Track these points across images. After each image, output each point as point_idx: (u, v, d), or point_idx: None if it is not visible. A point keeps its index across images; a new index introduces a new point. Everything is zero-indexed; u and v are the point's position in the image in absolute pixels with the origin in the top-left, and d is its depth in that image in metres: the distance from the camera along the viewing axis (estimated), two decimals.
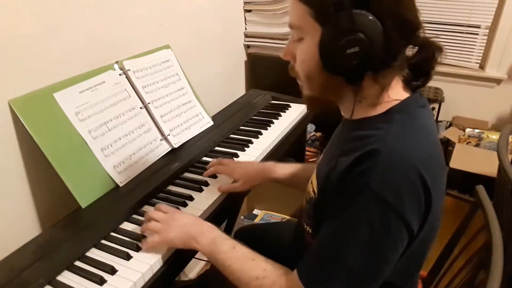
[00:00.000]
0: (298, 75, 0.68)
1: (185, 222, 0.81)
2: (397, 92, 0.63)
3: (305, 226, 0.77)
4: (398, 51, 0.59)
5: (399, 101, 0.62)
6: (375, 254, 0.58)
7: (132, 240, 0.83)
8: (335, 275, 0.60)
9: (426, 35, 0.62)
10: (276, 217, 1.95)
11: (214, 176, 1.07)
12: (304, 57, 0.64)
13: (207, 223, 0.81)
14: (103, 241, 0.84)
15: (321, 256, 0.62)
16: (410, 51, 0.63)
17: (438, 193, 0.60)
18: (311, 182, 0.75)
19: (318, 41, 0.59)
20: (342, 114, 0.72)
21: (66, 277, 0.75)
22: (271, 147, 1.26)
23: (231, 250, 0.73)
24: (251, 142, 1.25)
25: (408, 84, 0.64)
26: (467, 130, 2.34)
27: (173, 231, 0.79)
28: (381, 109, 0.63)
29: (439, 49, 0.62)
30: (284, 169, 1.01)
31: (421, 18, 0.60)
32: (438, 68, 0.65)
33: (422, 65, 0.63)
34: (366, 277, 0.60)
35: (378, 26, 0.55)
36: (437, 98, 2.34)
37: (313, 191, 0.73)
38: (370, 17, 0.55)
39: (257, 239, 1.19)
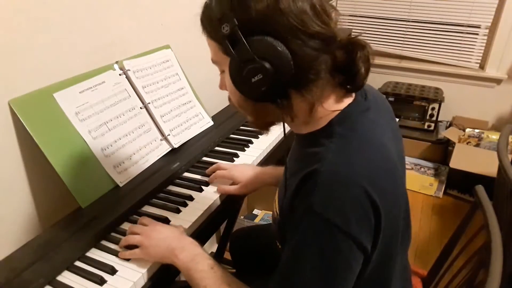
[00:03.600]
0: (233, 105, 0.68)
1: (166, 235, 0.79)
2: (335, 102, 0.62)
3: (277, 244, 0.77)
4: (313, 64, 0.57)
5: (339, 111, 0.61)
6: (330, 275, 0.57)
7: None
8: None
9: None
10: None
11: None
12: (228, 89, 0.65)
13: (189, 238, 0.79)
14: (103, 241, 0.84)
15: (281, 280, 0.60)
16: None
17: (390, 204, 0.58)
18: (275, 202, 0.75)
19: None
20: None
21: (66, 277, 0.75)
22: (271, 147, 1.26)
23: (209, 270, 0.71)
24: (251, 142, 1.25)
25: (345, 89, 0.62)
26: (467, 130, 2.35)
27: (153, 244, 0.77)
28: (323, 121, 0.62)
29: (361, 47, 0.60)
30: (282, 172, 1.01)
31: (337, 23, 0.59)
32: (438, 68, 0.64)
33: (349, 66, 0.60)
34: None
35: (279, 48, 0.54)
36: (437, 98, 2.34)
37: (276, 211, 0.73)
38: (267, 41, 0.54)
39: (253, 240, 1.19)
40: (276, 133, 1.31)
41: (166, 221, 0.89)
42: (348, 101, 0.63)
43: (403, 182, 0.66)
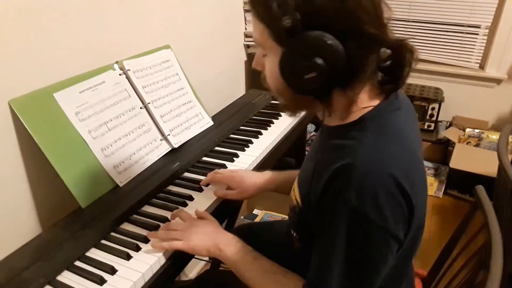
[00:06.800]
0: (269, 87, 0.67)
1: (209, 230, 0.82)
2: (369, 98, 0.62)
3: (292, 232, 0.77)
4: (363, 64, 0.57)
5: (372, 107, 0.62)
6: (365, 267, 0.58)
7: (132, 240, 0.83)
8: None
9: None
10: (276, 217, 1.95)
11: None
12: (270, 73, 0.64)
13: (229, 233, 0.82)
14: (103, 241, 0.84)
15: (317, 274, 0.62)
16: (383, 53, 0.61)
17: (419, 197, 0.59)
18: (293, 190, 0.75)
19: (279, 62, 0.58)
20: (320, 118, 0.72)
21: (66, 277, 0.75)
22: (271, 147, 1.25)
23: (253, 261, 0.74)
24: (251, 142, 1.25)
25: (381, 88, 0.63)
26: (467, 130, 2.34)
27: (196, 238, 0.79)
28: (354, 116, 0.62)
29: (410, 51, 0.61)
30: (281, 178, 1.00)
31: (394, 16, 0.59)
32: (438, 68, 0.65)
33: (394, 69, 0.61)
34: (366, 285, 0.60)
35: (337, 47, 0.54)
36: (437, 98, 2.34)
37: (296, 199, 0.72)
38: (327, 39, 0.53)
39: (255, 237, 1.18)
40: (276, 133, 1.31)
41: (166, 221, 0.89)
42: (380, 98, 0.63)
43: (426, 182, 0.67)
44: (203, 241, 0.79)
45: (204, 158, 1.18)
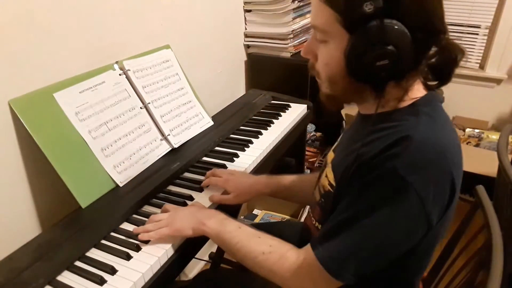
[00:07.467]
0: (318, 75, 0.67)
1: (191, 210, 0.85)
2: (417, 90, 0.64)
3: (314, 222, 0.76)
4: (422, 57, 0.60)
5: (419, 97, 0.63)
6: (392, 236, 0.59)
7: (132, 240, 0.83)
8: (355, 255, 0.60)
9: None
10: (276, 217, 1.95)
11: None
12: (328, 60, 0.63)
13: (212, 209, 0.85)
14: (103, 241, 0.84)
15: (342, 235, 0.61)
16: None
17: (459, 185, 0.61)
18: (326, 176, 0.75)
19: (345, 48, 0.58)
20: (360, 110, 0.72)
21: (66, 277, 0.75)
22: (271, 147, 1.25)
23: (237, 229, 0.76)
24: (251, 142, 1.25)
25: (426, 84, 0.65)
26: (467, 130, 2.34)
27: (180, 220, 0.82)
28: (403, 104, 0.63)
29: (461, 51, 0.62)
30: (278, 183, 1.00)
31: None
32: None
33: (443, 67, 0.64)
34: (380, 257, 0.61)
35: (408, 37, 0.55)
36: None
37: (330, 184, 0.72)
38: (401, 28, 0.54)
39: None
40: (276, 133, 1.31)
41: None
42: (425, 91, 0.65)
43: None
44: (186, 221, 0.81)
45: (204, 158, 1.18)
